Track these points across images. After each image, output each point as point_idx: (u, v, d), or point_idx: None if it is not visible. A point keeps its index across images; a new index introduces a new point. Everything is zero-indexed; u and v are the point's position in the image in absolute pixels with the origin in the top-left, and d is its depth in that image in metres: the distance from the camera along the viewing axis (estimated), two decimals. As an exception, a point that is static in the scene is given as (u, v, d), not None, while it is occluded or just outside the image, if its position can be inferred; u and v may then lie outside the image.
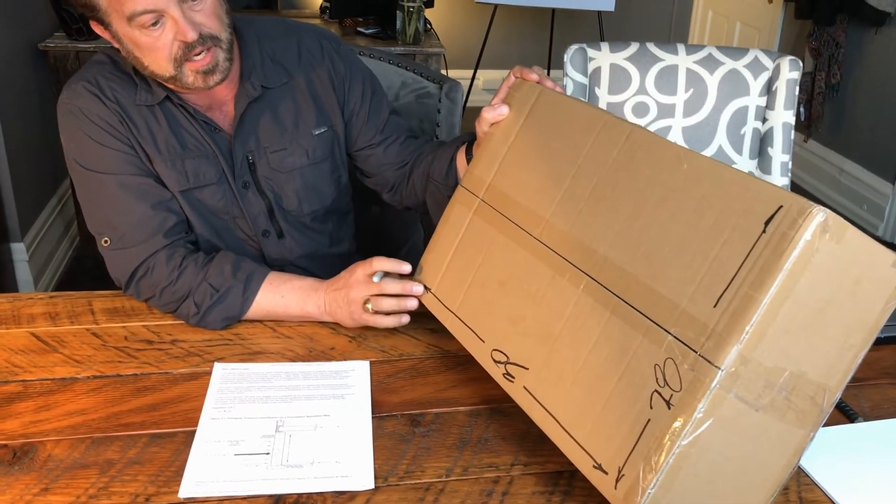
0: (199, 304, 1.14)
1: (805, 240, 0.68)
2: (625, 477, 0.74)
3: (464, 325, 1.00)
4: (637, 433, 0.74)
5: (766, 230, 0.70)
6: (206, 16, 1.11)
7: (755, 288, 0.69)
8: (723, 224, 0.74)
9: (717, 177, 0.76)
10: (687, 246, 0.76)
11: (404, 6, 3.02)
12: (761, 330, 0.69)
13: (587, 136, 0.93)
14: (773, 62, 1.70)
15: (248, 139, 1.26)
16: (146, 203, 1.19)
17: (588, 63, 1.72)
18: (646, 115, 1.73)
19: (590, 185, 0.90)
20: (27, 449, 0.92)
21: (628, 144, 0.87)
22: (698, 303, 0.73)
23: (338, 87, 1.32)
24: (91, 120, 1.18)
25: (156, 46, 1.10)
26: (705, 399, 0.70)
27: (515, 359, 0.90)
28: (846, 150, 3.66)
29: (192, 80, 1.14)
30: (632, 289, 0.80)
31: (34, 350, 1.10)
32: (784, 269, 0.68)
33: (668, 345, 0.74)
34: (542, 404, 0.86)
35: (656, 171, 0.83)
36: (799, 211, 0.68)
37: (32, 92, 2.80)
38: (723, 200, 0.75)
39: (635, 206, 0.83)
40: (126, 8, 1.07)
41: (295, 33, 1.32)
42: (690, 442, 0.71)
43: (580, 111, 0.96)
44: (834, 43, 3.54)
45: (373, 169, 1.39)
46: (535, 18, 4.79)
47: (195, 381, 1.05)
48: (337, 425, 0.97)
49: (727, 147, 1.73)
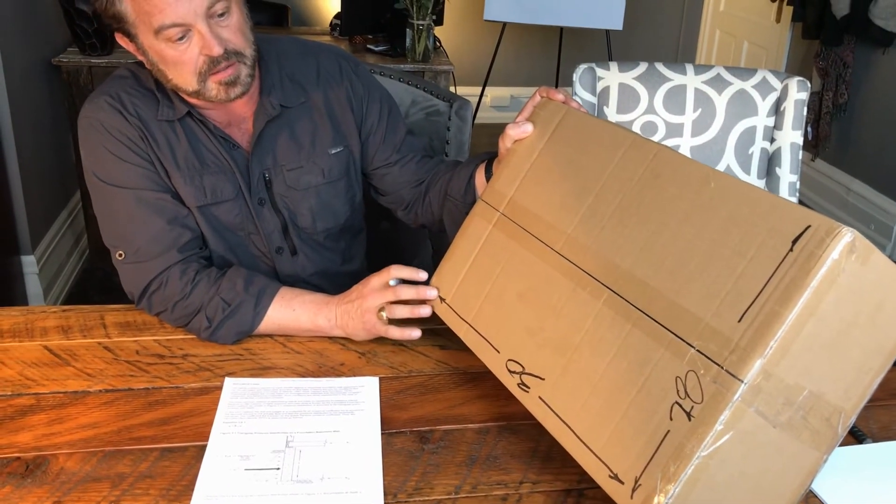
0: (210, 318, 1.15)
1: (832, 259, 0.68)
2: (641, 487, 0.74)
3: (479, 335, 1.00)
4: (655, 444, 0.74)
5: (793, 248, 0.71)
6: (231, 32, 1.13)
7: (781, 304, 0.70)
8: (749, 241, 0.75)
9: (744, 196, 0.78)
10: (712, 262, 0.77)
11: (414, 24, 3.05)
12: (785, 346, 0.70)
13: (613, 154, 0.94)
14: (781, 83, 1.71)
15: (265, 157, 1.28)
16: (162, 218, 1.20)
17: (597, 82, 1.73)
18: (654, 135, 1.74)
19: (614, 202, 0.91)
20: (39, 462, 0.92)
21: (655, 163, 0.89)
22: (723, 317, 0.74)
23: (356, 107, 1.34)
24: (111, 134, 1.19)
25: (181, 60, 1.12)
26: (727, 411, 0.71)
27: (531, 369, 0.91)
28: (853, 170, 3.67)
29: (216, 93, 1.16)
30: (655, 303, 0.81)
31: (47, 363, 1.11)
32: (810, 287, 0.69)
33: (690, 357, 0.75)
34: (558, 414, 0.86)
35: (682, 189, 0.84)
36: (827, 231, 0.69)
37: (45, 106, 2.83)
38: (749, 218, 0.76)
39: (660, 223, 0.84)
40: (154, 21, 1.09)
41: (314, 53, 1.34)
42: (710, 454, 0.71)
43: (606, 130, 0.97)
44: (841, 63, 3.55)
45: (389, 187, 1.40)
46: (544, 36, 4.82)
47: (206, 395, 1.05)
48: (346, 441, 0.97)
49: (735, 167, 1.74)
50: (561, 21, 4.00)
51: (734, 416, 0.71)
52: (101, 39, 2.78)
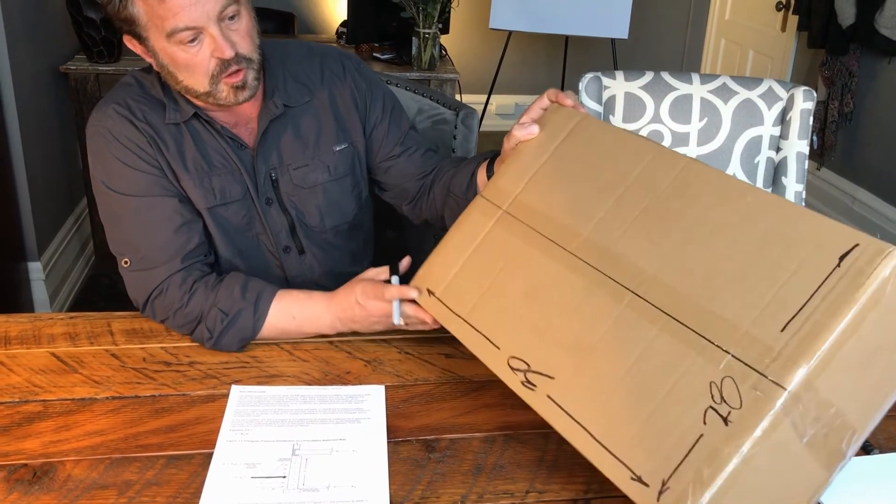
0: (211, 329, 1.16)
1: (882, 277, 0.69)
2: (670, 490, 0.72)
3: (475, 330, 0.98)
4: (687, 447, 0.73)
5: (840, 265, 0.71)
6: (241, 36, 1.15)
7: (829, 316, 0.70)
8: (791, 255, 0.75)
9: (784, 211, 0.78)
10: (749, 273, 0.77)
11: (420, 32, 3.06)
12: (828, 358, 0.70)
13: (637, 162, 0.93)
14: (787, 92, 1.71)
15: (270, 156, 1.29)
16: (169, 227, 1.21)
17: (603, 91, 1.74)
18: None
19: (638, 208, 0.90)
20: (47, 469, 0.93)
21: (685, 174, 0.88)
22: (763, 326, 0.73)
23: (360, 103, 1.36)
24: (119, 141, 1.20)
25: (193, 63, 1.14)
26: (767, 418, 0.70)
27: (538, 367, 0.88)
28: (859, 179, 3.66)
29: (226, 96, 1.17)
30: (685, 309, 0.80)
31: (54, 370, 1.11)
32: (859, 302, 0.69)
33: (727, 364, 0.74)
34: (570, 414, 0.83)
35: (715, 200, 0.84)
36: (878, 250, 0.70)
37: (53, 113, 2.84)
38: (790, 233, 0.76)
39: (690, 232, 0.84)
40: (167, 24, 1.10)
41: (317, 54, 1.36)
42: (745, 460, 0.70)
43: (629, 138, 0.97)
44: (847, 72, 3.55)
45: (394, 180, 1.41)
46: (549, 45, 4.83)
47: (212, 403, 1.06)
48: (353, 449, 0.97)
49: (741, 176, 1.74)
50: (566, 30, 4.01)
51: (772, 425, 0.70)
52: (109, 47, 2.79)
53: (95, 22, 2.72)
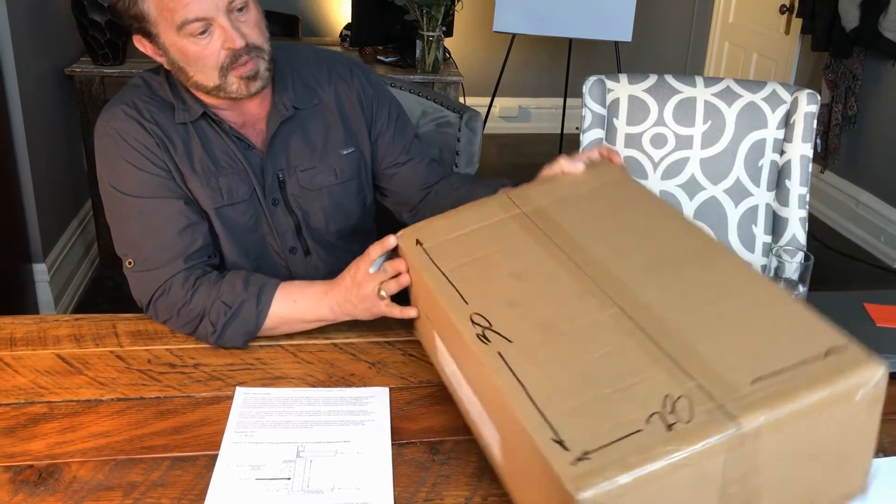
0: (214, 322, 1.16)
1: (859, 381, 0.72)
2: (590, 461, 0.70)
3: (449, 283, 0.97)
4: (621, 434, 0.71)
5: (826, 356, 0.75)
6: (250, 27, 1.17)
7: (801, 387, 0.72)
8: (786, 333, 0.79)
9: (793, 305, 0.83)
10: (741, 332, 0.80)
11: (424, 35, 3.06)
12: (784, 424, 0.71)
13: (666, 221, 0.98)
14: (790, 95, 1.71)
15: (279, 158, 1.30)
16: (173, 228, 1.21)
17: (606, 94, 1.74)
18: (664, 147, 1.75)
19: (654, 252, 0.93)
20: (52, 470, 0.93)
21: (707, 245, 0.93)
22: (737, 373, 0.75)
23: (366, 108, 1.37)
24: (127, 142, 1.21)
25: (203, 55, 1.15)
26: (711, 440, 0.69)
27: (499, 329, 0.87)
28: (863, 182, 3.66)
29: (237, 88, 1.18)
30: (666, 336, 0.81)
31: (59, 371, 1.12)
32: (831, 390, 0.72)
33: (688, 388, 0.74)
34: (515, 373, 0.81)
35: (730, 273, 0.88)
36: (865, 359, 0.74)
37: (58, 115, 2.85)
38: (792, 318, 0.81)
39: (698, 286, 0.87)
40: (177, 17, 1.11)
41: (326, 59, 1.37)
42: (672, 467, 0.69)
43: (664, 204, 1.03)
44: (851, 75, 3.55)
45: (396, 188, 1.42)
46: (553, 48, 4.83)
47: (217, 405, 1.06)
48: (357, 451, 0.97)
49: (745, 179, 1.74)
50: (570, 33, 4.01)
51: (709, 453, 0.70)
52: (114, 49, 2.80)
53: (100, 24, 2.73)
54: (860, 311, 1.31)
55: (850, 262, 3.50)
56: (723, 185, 1.75)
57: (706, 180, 1.75)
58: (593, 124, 1.73)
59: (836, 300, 1.35)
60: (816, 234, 3.64)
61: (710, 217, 1.76)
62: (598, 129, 1.73)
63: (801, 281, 1.21)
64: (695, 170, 1.75)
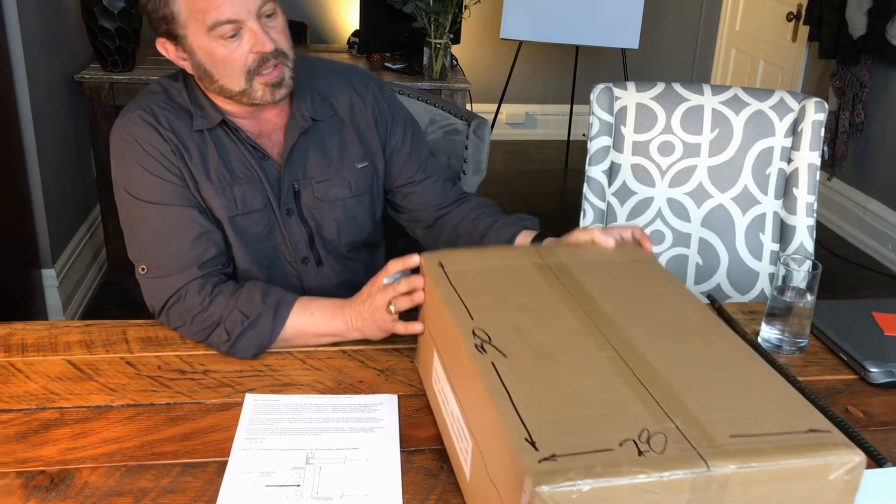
0: (230, 331, 1.16)
1: (835, 463, 0.74)
2: (557, 462, 0.71)
3: (460, 300, 1.00)
4: (592, 448, 0.73)
5: (808, 434, 0.77)
6: (277, 33, 1.19)
7: (777, 452, 0.74)
8: (773, 405, 0.81)
9: (784, 385, 0.85)
10: (731, 397, 0.82)
11: (431, 42, 3.07)
12: (756, 480, 0.73)
13: (682, 300, 1.03)
14: (798, 103, 1.71)
15: (296, 168, 1.31)
16: (187, 236, 1.22)
17: (614, 102, 1.74)
18: (671, 154, 1.75)
19: (663, 319, 0.98)
20: (64, 476, 0.94)
21: (718, 325, 0.97)
22: (717, 427, 0.77)
23: (380, 125, 1.37)
24: (143, 148, 1.22)
25: (231, 58, 1.16)
26: (678, 474, 0.71)
27: (498, 344, 0.90)
28: (870, 190, 3.65)
29: (261, 95, 1.20)
30: (656, 383, 0.84)
31: (70, 377, 1.12)
32: (807, 462, 0.74)
33: (666, 426, 0.77)
34: (503, 381, 0.83)
35: (731, 349, 0.92)
36: (846, 446, 0.75)
37: (67, 121, 2.87)
38: (781, 398, 0.83)
39: (698, 353, 0.91)
40: (209, 17, 1.13)
41: (343, 73, 1.38)
42: (635, 488, 0.70)
43: (683, 287, 1.08)
44: (858, 82, 3.55)
45: (411, 206, 1.43)
46: (560, 55, 4.84)
47: (227, 411, 1.06)
48: (366, 459, 0.98)
49: (752, 187, 1.74)
50: (577, 40, 4.02)
51: (676, 486, 0.71)
52: (123, 56, 2.82)
53: (110, 31, 2.75)
54: (868, 320, 1.31)
55: (858, 270, 3.49)
56: (730, 192, 1.75)
57: (714, 188, 1.76)
58: (601, 132, 1.73)
59: (843, 309, 1.35)
60: (824, 241, 3.64)
61: (717, 225, 1.76)
62: (605, 136, 1.73)
63: (808, 289, 1.21)
64: (702, 178, 1.76)
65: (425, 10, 3.00)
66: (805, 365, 1.22)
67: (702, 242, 1.77)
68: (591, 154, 1.74)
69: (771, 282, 1.70)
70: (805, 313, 1.22)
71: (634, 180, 1.76)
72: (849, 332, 1.26)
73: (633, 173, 1.76)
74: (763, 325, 1.26)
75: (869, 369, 1.18)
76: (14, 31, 2.40)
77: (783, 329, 1.23)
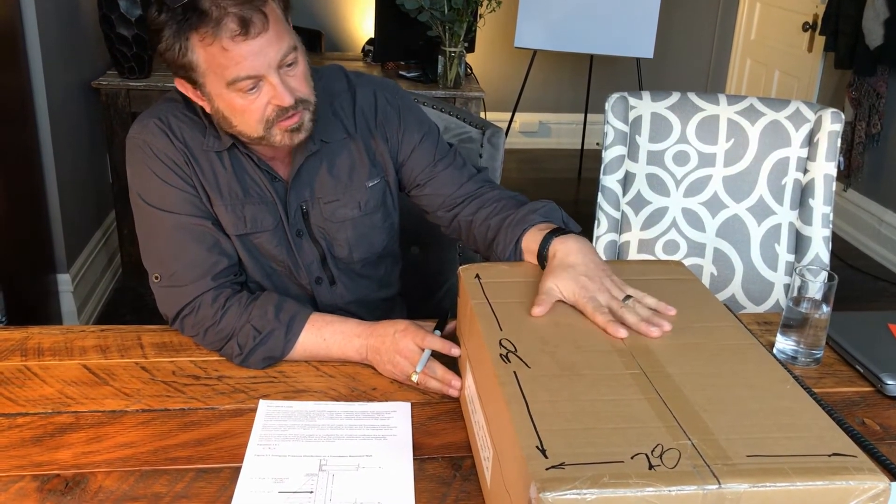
0: (242, 345, 1.17)
1: (858, 488, 0.72)
2: (563, 470, 0.72)
3: (491, 311, 1.01)
4: (602, 459, 0.73)
5: (831, 457, 0.76)
6: (298, 81, 1.16)
7: (794, 473, 0.73)
8: (796, 430, 0.80)
9: (814, 408, 0.84)
10: (754, 418, 0.82)
11: (446, 51, 3.08)
12: (769, 502, 0.72)
13: (720, 319, 1.03)
14: (814, 114, 1.71)
15: (304, 190, 1.29)
16: (201, 246, 1.22)
17: (629, 111, 1.74)
18: (686, 164, 1.75)
19: (694, 338, 0.98)
20: (79, 479, 0.94)
21: (752, 345, 0.97)
22: (734, 445, 0.77)
23: (390, 137, 1.34)
24: (157, 156, 1.22)
25: (250, 109, 1.14)
26: (687, 489, 0.70)
27: (523, 355, 0.91)
28: (886, 201, 3.63)
29: (280, 139, 1.18)
30: (678, 403, 0.84)
31: (86, 382, 1.13)
32: (826, 485, 0.72)
33: (682, 444, 0.76)
34: (523, 391, 0.84)
35: (762, 370, 0.91)
36: (871, 472, 0.74)
37: (84, 127, 2.89)
38: (808, 420, 0.82)
39: (725, 372, 0.91)
40: (228, 73, 1.11)
41: (351, 89, 1.33)
42: (637, 502, 0.70)
43: (720, 303, 1.08)
44: (874, 93, 3.53)
45: (426, 208, 1.38)
46: (574, 64, 4.84)
47: (240, 417, 1.07)
48: (379, 466, 0.98)
49: (768, 197, 1.73)
50: (592, 49, 4.02)
51: (682, 502, 0.70)
52: (140, 63, 2.84)
53: (127, 39, 2.77)
54: (884, 332, 1.30)
55: (874, 281, 3.46)
56: (745, 203, 1.74)
57: (729, 198, 1.75)
58: (616, 141, 1.73)
59: (859, 320, 1.34)
60: (839, 252, 3.61)
61: (732, 235, 1.75)
62: (620, 145, 1.73)
63: (824, 300, 1.20)
64: (717, 188, 1.75)
65: (440, 18, 3.01)
66: (820, 377, 1.22)
67: (717, 253, 1.76)
68: (605, 163, 1.73)
69: (786, 293, 1.69)
70: (821, 324, 1.21)
71: (649, 190, 1.76)
72: (865, 344, 1.25)
73: (647, 183, 1.76)
74: (778, 336, 1.25)
75: (885, 381, 1.17)
76: (33, 38, 2.42)
77: (798, 340, 1.22)
